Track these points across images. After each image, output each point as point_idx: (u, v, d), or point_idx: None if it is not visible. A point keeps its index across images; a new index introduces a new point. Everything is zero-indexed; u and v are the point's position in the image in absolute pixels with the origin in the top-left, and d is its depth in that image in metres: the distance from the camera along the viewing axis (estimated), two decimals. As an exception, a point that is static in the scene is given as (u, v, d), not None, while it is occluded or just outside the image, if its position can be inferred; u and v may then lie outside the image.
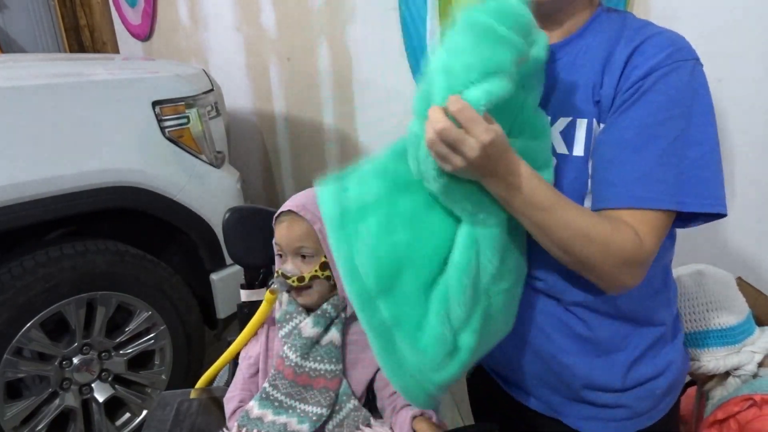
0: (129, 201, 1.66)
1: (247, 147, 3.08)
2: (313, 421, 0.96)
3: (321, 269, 1.01)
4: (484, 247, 0.73)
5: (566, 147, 0.78)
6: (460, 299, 0.72)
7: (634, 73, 0.72)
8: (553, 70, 0.82)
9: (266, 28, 2.64)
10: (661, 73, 0.71)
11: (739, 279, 1.18)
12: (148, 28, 3.85)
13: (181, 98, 1.77)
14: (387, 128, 2.15)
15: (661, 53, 0.72)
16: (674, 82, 0.71)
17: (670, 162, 0.70)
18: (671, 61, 0.71)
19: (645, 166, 0.70)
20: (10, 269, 1.50)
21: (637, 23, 0.79)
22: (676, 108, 0.70)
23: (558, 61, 0.82)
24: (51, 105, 1.54)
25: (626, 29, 0.78)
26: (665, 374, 0.86)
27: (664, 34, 0.75)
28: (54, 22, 5.04)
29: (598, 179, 0.75)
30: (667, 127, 0.70)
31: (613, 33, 0.79)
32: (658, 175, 0.70)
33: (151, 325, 1.77)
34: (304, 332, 0.99)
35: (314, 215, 0.99)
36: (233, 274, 1.88)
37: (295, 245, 1.00)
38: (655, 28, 0.77)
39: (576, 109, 0.78)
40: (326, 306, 1.01)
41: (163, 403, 1.11)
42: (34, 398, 1.60)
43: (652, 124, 0.70)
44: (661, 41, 0.73)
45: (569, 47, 0.81)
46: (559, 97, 0.80)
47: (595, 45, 0.79)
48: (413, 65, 1.90)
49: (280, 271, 1.01)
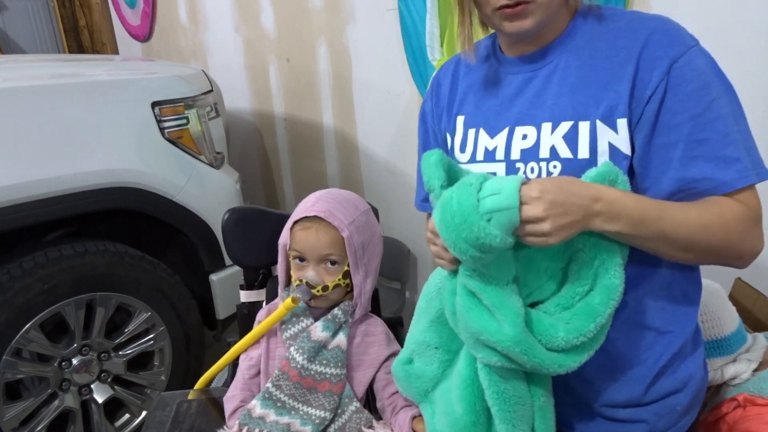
0: (128, 202, 1.65)
1: (246, 148, 3.08)
2: (316, 424, 0.96)
3: (343, 277, 1.00)
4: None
5: (570, 151, 0.78)
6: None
7: (657, 66, 0.73)
8: (543, 76, 0.82)
9: (266, 29, 2.64)
10: (683, 63, 0.73)
11: (739, 280, 1.18)
12: (147, 29, 3.85)
13: (180, 99, 1.77)
14: (387, 128, 2.15)
15: (675, 43, 0.74)
16: (697, 66, 0.73)
17: (734, 138, 0.72)
18: (685, 49, 0.74)
19: (716, 153, 0.72)
20: (9, 270, 1.50)
21: (621, 15, 0.81)
22: (712, 90, 0.72)
23: (547, 66, 0.82)
24: (50, 106, 1.54)
25: (614, 22, 0.79)
26: (686, 390, 0.84)
27: (662, 20, 0.77)
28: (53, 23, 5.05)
29: (677, 178, 0.74)
30: (714, 109, 0.72)
31: (602, 29, 0.79)
32: (730, 155, 0.72)
33: (150, 326, 1.76)
34: (314, 335, 0.99)
35: (342, 222, 0.99)
36: (232, 274, 1.88)
37: (322, 252, 0.99)
38: (647, 15, 0.79)
39: (577, 112, 0.78)
40: (337, 311, 1.01)
41: (163, 404, 1.11)
42: (34, 399, 1.60)
43: (703, 112, 0.72)
44: (666, 29, 0.75)
45: (556, 51, 0.82)
46: (556, 102, 0.80)
47: (584, 45, 0.80)
48: (413, 65, 1.90)
49: (304, 279, 0.99)
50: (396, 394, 1.00)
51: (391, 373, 0.93)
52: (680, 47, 0.73)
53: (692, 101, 0.72)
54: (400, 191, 2.16)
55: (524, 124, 0.82)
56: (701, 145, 0.72)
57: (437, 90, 0.99)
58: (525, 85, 0.85)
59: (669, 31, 0.75)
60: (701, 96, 0.72)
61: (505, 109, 0.86)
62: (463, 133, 0.91)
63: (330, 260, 1.00)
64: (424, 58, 1.83)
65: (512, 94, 0.86)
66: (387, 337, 1.07)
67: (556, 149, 0.78)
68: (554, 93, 0.80)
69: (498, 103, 0.87)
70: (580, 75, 0.79)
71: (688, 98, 0.72)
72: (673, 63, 0.73)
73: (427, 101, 1.01)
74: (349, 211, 1.03)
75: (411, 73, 1.92)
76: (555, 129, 0.79)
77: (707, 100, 0.72)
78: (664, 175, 0.75)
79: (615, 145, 0.76)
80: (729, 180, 0.71)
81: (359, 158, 2.33)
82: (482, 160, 0.86)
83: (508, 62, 0.88)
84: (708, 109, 0.72)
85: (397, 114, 2.07)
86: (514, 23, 0.78)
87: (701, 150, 0.72)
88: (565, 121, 0.78)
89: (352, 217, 1.02)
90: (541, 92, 0.82)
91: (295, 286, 1.01)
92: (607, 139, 0.76)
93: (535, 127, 0.81)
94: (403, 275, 2.24)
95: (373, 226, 1.07)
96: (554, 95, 0.80)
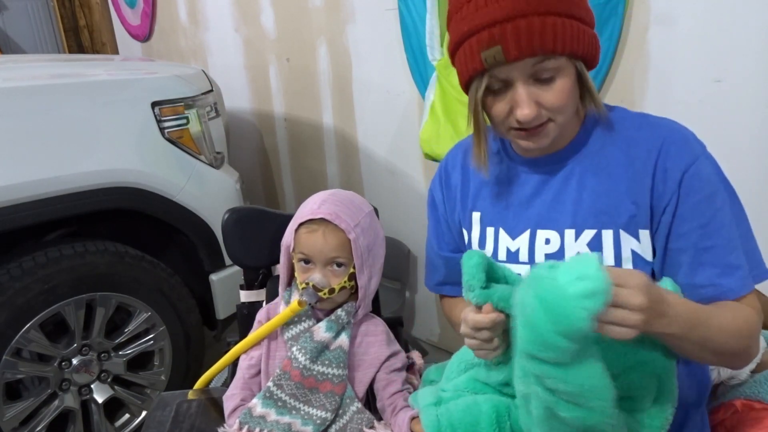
0: (128, 202, 1.65)
1: (246, 147, 3.08)
2: (317, 424, 0.96)
3: (348, 280, 1.00)
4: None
5: None
6: None
7: (669, 177, 0.77)
8: (560, 179, 0.84)
9: (265, 29, 2.64)
10: (693, 172, 0.77)
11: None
12: (147, 29, 3.84)
13: (180, 99, 1.77)
14: (387, 128, 2.15)
15: (684, 153, 0.78)
16: (705, 176, 0.77)
17: (736, 245, 0.77)
18: (694, 159, 0.77)
19: (721, 260, 0.76)
20: (9, 270, 1.50)
21: (630, 120, 0.83)
22: (717, 198, 0.77)
23: (563, 170, 0.84)
24: (50, 106, 1.54)
25: (624, 129, 0.82)
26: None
27: (670, 128, 0.80)
28: (53, 23, 5.04)
29: (685, 284, 0.78)
30: (719, 218, 0.77)
31: (614, 136, 0.81)
32: (733, 262, 0.76)
33: (150, 325, 1.76)
34: (317, 336, 0.99)
35: (348, 224, 0.99)
36: (232, 274, 1.88)
37: (329, 255, 0.99)
38: (655, 121, 0.82)
39: (599, 220, 0.80)
40: (340, 312, 1.01)
41: (163, 404, 1.11)
42: (34, 399, 1.60)
43: (709, 221, 0.77)
44: (675, 139, 0.79)
45: (570, 156, 0.83)
46: (577, 209, 0.82)
47: (597, 151, 0.82)
48: (413, 65, 1.90)
49: (311, 282, 0.99)
50: (396, 395, 1.00)
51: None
52: (689, 158, 0.77)
53: (700, 210, 0.77)
54: (400, 191, 2.16)
55: (546, 228, 0.84)
56: (707, 252, 0.77)
57: (447, 181, 1.00)
58: (542, 186, 0.86)
59: (677, 141, 0.79)
60: (708, 205, 0.77)
61: (524, 210, 0.87)
62: (481, 231, 0.92)
63: (337, 263, 1.00)
64: (424, 58, 1.83)
65: (529, 195, 0.87)
66: (387, 337, 1.07)
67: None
68: (573, 198, 0.82)
69: (515, 203, 0.89)
70: (599, 182, 0.81)
71: (696, 207, 0.77)
72: (684, 174, 0.77)
73: (437, 191, 1.02)
74: (354, 213, 1.02)
75: (411, 73, 1.92)
76: (579, 236, 0.81)
77: (713, 209, 0.77)
78: (675, 278, 0.79)
79: (638, 252, 0.79)
80: (734, 287, 0.76)
81: (359, 158, 2.33)
82: (504, 260, 0.88)
83: (521, 161, 0.89)
84: (714, 218, 0.76)
85: (397, 114, 2.07)
86: (530, 141, 0.80)
87: (707, 257, 0.77)
88: (588, 229, 0.81)
89: (357, 219, 1.02)
90: (559, 195, 0.84)
91: (301, 289, 1.00)
92: (630, 246, 0.79)
93: (558, 233, 0.83)
94: (403, 275, 2.24)
95: (376, 228, 1.07)
96: (573, 201, 0.82)
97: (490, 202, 0.92)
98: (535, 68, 0.73)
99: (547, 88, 0.75)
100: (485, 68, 0.74)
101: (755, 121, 1.21)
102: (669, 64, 1.31)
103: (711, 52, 1.24)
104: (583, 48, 0.74)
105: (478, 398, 0.82)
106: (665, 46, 1.31)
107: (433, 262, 1.08)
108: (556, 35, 0.71)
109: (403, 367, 1.06)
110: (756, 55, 1.17)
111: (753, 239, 0.80)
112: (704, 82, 1.25)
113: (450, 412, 0.83)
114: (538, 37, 0.70)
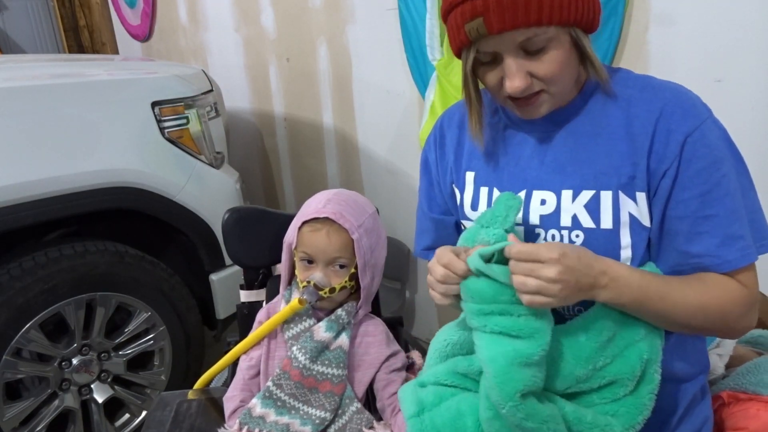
0: (128, 202, 1.65)
1: (246, 147, 3.08)
2: (316, 424, 0.96)
3: (349, 279, 1.00)
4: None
5: (593, 221, 0.77)
6: None
7: (672, 140, 0.74)
8: (559, 139, 0.81)
9: (265, 29, 2.64)
10: (697, 137, 0.73)
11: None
12: (147, 29, 3.84)
13: (180, 99, 1.77)
14: (387, 128, 2.15)
15: (689, 116, 0.74)
16: (710, 141, 0.74)
17: (740, 216, 0.74)
18: (699, 122, 0.74)
19: (721, 230, 0.73)
20: (9, 270, 1.50)
21: (632, 81, 0.80)
22: (722, 165, 0.73)
23: (563, 130, 0.81)
24: (50, 106, 1.54)
25: (627, 88, 0.79)
26: (703, 431, 0.86)
27: (675, 91, 0.77)
28: (53, 23, 5.05)
29: (681, 251, 0.76)
30: (723, 186, 0.73)
31: (615, 96, 0.79)
32: (735, 232, 0.73)
33: (150, 325, 1.76)
34: (317, 336, 0.98)
35: (352, 224, 0.98)
36: (232, 274, 1.88)
37: (332, 255, 0.99)
38: (659, 83, 0.78)
39: (598, 181, 0.78)
40: (340, 312, 1.01)
41: (163, 404, 1.11)
42: (34, 399, 1.60)
43: (712, 188, 0.73)
44: (681, 101, 0.75)
45: (571, 116, 0.81)
46: (576, 169, 0.79)
47: (598, 111, 0.79)
48: (413, 65, 1.90)
49: (312, 281, 0.98)
50: (396, 395, 1.00)
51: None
52: (694, 120, 0.74)
53: (702, 177, 0.73)
54: (400, 191, 2.16)
55: (542, 189, 0.81)
56: (708, 221, 0.73)
57: (441, 141, 0.96)
58: (539, 146, 0.83)
59: (683, 103, 0.75)
60: (711, 172, 0.73)
61: (520, 170, 0.84)
62: (474, 191, 0.89)
63: (339, 263, 1.00)
64: (424, 58, 1.83)
65: (527, 155, 0.84)
66: (387, 337, 1.07)
67: (578, 218, 0.78)
68: (572, 159, 0.80)
69: (511, 162, 0.86)
70: (598, 143, 0.78)
71: (698, 174, 0.73)
72: (686, 137, 0.73)
73: (431, 151, 0.98)
74: (358, 213, 1.02)
75: (411, 73, 1.92)
76: (576, 197, 0.79)
77: (718, 176, 0.73)
78: (670, 246, 0.77)
79: (635, 216, 0.77)
80: (732, 259, 0.73)
81: (359, 158, 2.33)
82: None
83: (519, 121, 0.85)
84: (717, 185, 0.73)
85: (397, 114, 2.07)
86: (527, 110, 0.78)
87: (707, 226, 0.74)
88: (586, 190, 0.78)
89: (361, 219, 1.02)
90: (558, 156, 0.81)
91: (302, 287, 1.00)
92: (628, 209, 0.77)
93: (555, 193, 0.80)
94: (403, 275, 2.24)
95: (379, 229, 1.07)
96: (572, 161, 0.80)
97: (485, 162, 0.88)
98: (522, 40, 0.70)
99: (538, 58, 0.72)
100: (471, 41, 0.72)
101: (755, 121, 1.21)
102: (669, 64, 1.31)
103: (711, 52, 1.24)
104: (574, 15, 0.70)
105: (461, 407, 0.80)
106: (665, 46, 1.31)
107: (423, 225, 1.03)
108: (542, 5, 0.67)
109: (403, 367, 1.06)
110: (756, 55, 1.17)
111: (760, 210, 0.76)
112: (704, 82, 1.25)
113: (435, 424, 0.81)
114: (522, 9, 0.67)
